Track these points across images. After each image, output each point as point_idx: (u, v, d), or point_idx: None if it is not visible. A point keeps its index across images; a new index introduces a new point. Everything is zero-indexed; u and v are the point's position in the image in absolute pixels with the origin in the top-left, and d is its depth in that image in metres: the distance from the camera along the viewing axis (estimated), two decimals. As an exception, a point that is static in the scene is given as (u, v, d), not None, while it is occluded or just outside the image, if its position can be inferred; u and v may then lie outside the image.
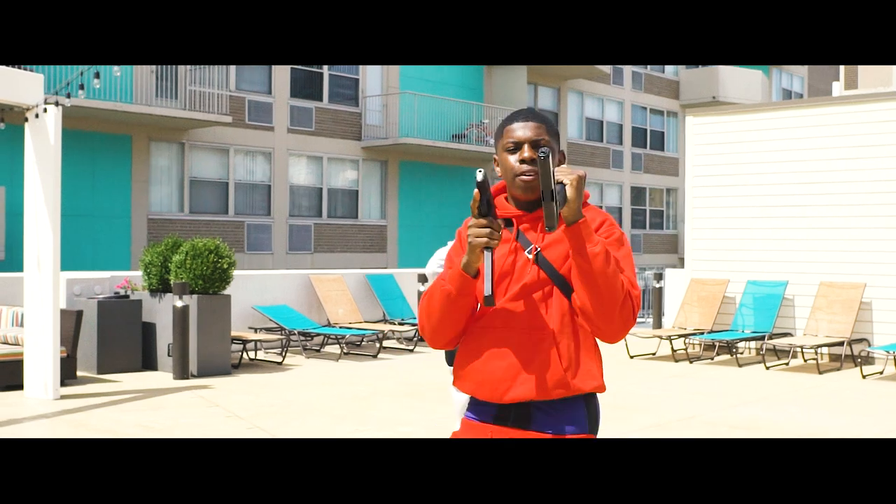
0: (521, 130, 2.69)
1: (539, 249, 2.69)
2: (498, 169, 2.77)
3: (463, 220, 2.85)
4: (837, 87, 22.43)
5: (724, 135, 14.21)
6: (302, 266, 23.05)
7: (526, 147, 2.66)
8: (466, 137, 26.21)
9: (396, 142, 24.43)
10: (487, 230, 2.53)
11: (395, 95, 25.20)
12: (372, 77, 25.04)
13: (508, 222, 2.76)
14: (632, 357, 13.03)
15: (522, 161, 2.64)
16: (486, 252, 2.55)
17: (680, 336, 13.16)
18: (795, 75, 42.52)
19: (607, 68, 29.87)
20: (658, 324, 17.20)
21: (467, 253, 2.58)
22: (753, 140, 13.88)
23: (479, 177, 2.51)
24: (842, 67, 22.40)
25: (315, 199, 24.12)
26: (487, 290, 2.52)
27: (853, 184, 12.86)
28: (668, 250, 35.33)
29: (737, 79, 34.74)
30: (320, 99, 24.03)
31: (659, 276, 17.60)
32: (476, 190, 2.55)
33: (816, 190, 13.18)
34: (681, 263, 35.16)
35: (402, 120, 25.14)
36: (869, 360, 12.47)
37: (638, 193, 34.24)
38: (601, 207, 29.51)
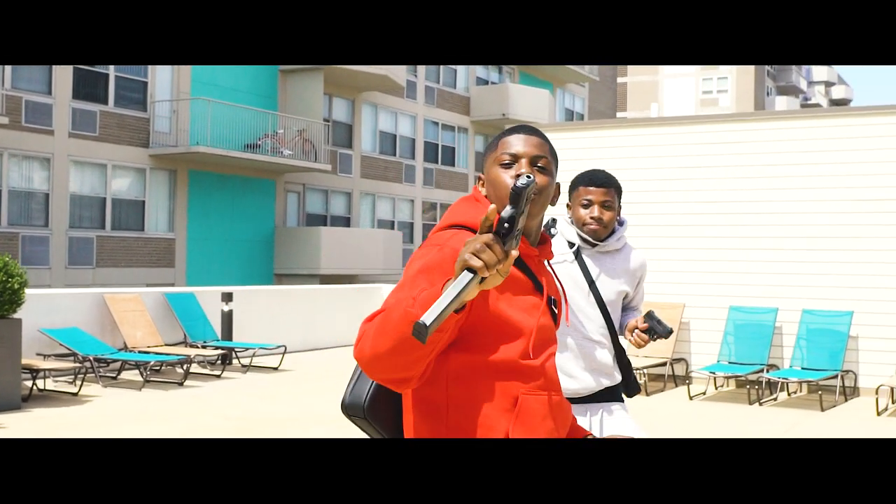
0: (521, 144, 2.34)
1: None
2: (483, 189, 2.38)
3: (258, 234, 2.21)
4: (656, 108, 23.00)
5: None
6: (83, 282, 21.31)
7: (524, 162, 2.31)
8: (260, 147, 25.14)
9: (187, 150, 23.05)
10: (497, 258, 1.86)
11: (185, 101, 23.82)
12: (161, 80, 23.54)
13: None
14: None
15: (518, 177, 2.16)
16: (470, 278, 1.83)
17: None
18: (577, 96, 43.72)
19: (402, 81, 29.48)
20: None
21: (456, 270, 1.87)
22: (572, 158, 13.71)
23: (523, 181, 1.90)
24: (618, 90, 22.95)
25: (98, 210, 22.37)
26: (428, 318, 1.80)
27: (684, 204, 12.90)
28: (458, 266, 35.34)
29: (526, 97, 35.25)
30: (105, 102, 22.33)
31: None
32: (510, 202, 1.90)
33: (655, 210, 13.15)
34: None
35: (193, 127, 23.80)
36: (690, 379, 12.50)
37: (430, 208, 34.08)
38: (392, 223, 29.10)
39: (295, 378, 12.73)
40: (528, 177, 1.90)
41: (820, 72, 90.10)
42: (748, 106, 68.05)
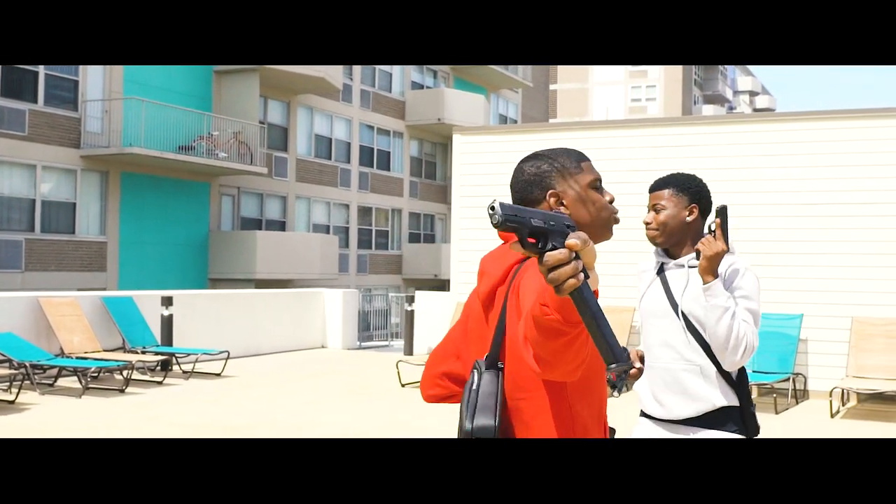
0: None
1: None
2: (563, 209, 2.32)
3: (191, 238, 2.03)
4: (603, 111, 23.09)
5: (491, 154, 13.84)
6: (10, 286, 20.60)
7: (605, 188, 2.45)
8: (195, 149, 24.62)
9: (120, 151, 22.45)
10: None
11: (118, 101, 23.21)
12: (93, 79, 22.90)
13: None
14: (403, 385, 12.31)
15: (610, 202, 2.39)
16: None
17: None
18: (511, 102, 43.80)
19: (338, 84, 29.15)
20: (409, 349, 16.63)
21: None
22: (515, 161, 13.59)
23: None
24: (549, 96, 23.06)
25: (27, 212, 21.65)
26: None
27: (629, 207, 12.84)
28: (392, 271, 35.11)
29: (461, 102, 35.17)
30: (34, 100, 21.62)
31: (411, 299, 17.05)
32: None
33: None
34: (405, 284, 35.06)
35: (126, 128, 23.19)
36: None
37: (364, 213, 33.77)
38: (328, 227, 28.72)
39: (240, 384, 12.39)
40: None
41: (745, 81, 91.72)
42: (676, 113, 68.94)
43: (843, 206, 11.77)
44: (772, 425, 9.77)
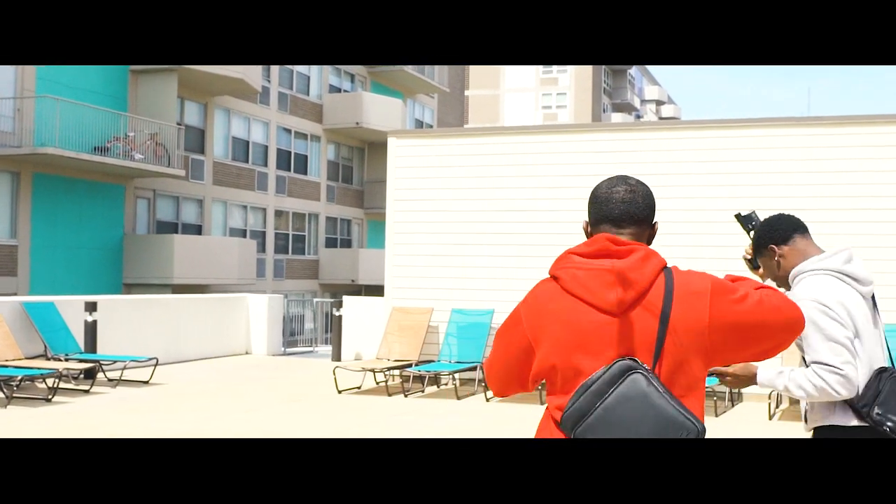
0: None
1: None
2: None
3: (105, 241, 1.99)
4: (540, 117, 23.21)
5: (426, 158, 13.71)
6: (-85, 291, 19.74)
7: None
8: (110, 151, 23.92)
9: (32, 151, 21.67)
10: None
11: (30, 99, 22.41)
12: (4, 77, 22.05)
13: None
14: (340, 392, 12.08)
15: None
16: None
17: (391, 368, 12.41)
18: (427, 107, 43.72)
19: (257, 85, 28.66)
20: (338, 355, 16.38)
21: None
22: (455, 165, 13.49)
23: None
24: (467, 105, 23.24)
25: (-67, 214, 20.78)
26: None
27: (554, 213, 12.84)
28: (309, 276, 34.67)
29: (379, 106, 34.95)
30: (-58, 98, 20.79)
31: (339, 304, 16.80)
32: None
33: (521, 217, 13.03)
34: (322, 290, 34.67)
35: (39, 127, 22.39)
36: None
37: (282, 217, 33.30)
38: (245, 231, 28.15)
39: (171, 393, 12.01)
40: None
41: (651, 90, 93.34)
42: (586, 121, 69.77)
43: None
44: (716, 428, 9.81)
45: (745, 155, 12.19)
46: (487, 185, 13.26)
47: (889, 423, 3.34)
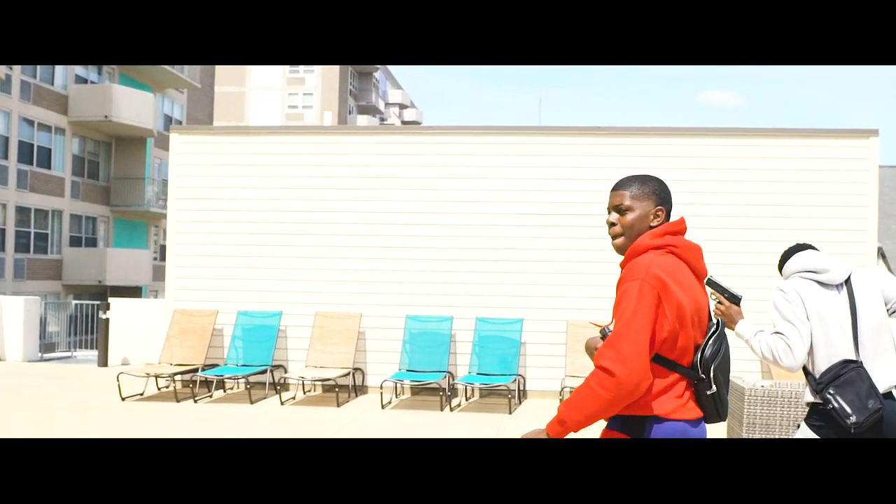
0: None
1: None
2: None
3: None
4: (312, 117, 22.78)
5: (212, 156, 13.35)
6: None
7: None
8: None
9: None
10: None
11: None
12: None
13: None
14: (123, 399, 11.57)
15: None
16: None
17: (181, 373, 12.01)
18: (177, 102, 42.41)
19: (0, 73, 26.83)
20: (104, 360, 15.65)
21: None
22: (239, 163, 13.24)
23: None
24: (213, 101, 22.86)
25: None
26: None
27: (350, 213, 12.87)
28: (53, 277, 32.77)
29: (130, 99, 33.57)
30: None
31: (106, 307, 16.04)
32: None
33: (311, 218, 12.96)
34: (65, 291, 32.85)
35: None
36: (364, 389, 12.53)
37: (23, 214, 31.31)
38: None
39: (-65, 403, 11.09)
40: None
41: (395, 94, 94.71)
42: (332, 122, 69.87)
43: (552, 217, 12.51)
44: (508, 425, 10.17)
45: (557, 162, 12.67)
46: (272, 184, 13.09)
47: (834, 404, 3.98)
